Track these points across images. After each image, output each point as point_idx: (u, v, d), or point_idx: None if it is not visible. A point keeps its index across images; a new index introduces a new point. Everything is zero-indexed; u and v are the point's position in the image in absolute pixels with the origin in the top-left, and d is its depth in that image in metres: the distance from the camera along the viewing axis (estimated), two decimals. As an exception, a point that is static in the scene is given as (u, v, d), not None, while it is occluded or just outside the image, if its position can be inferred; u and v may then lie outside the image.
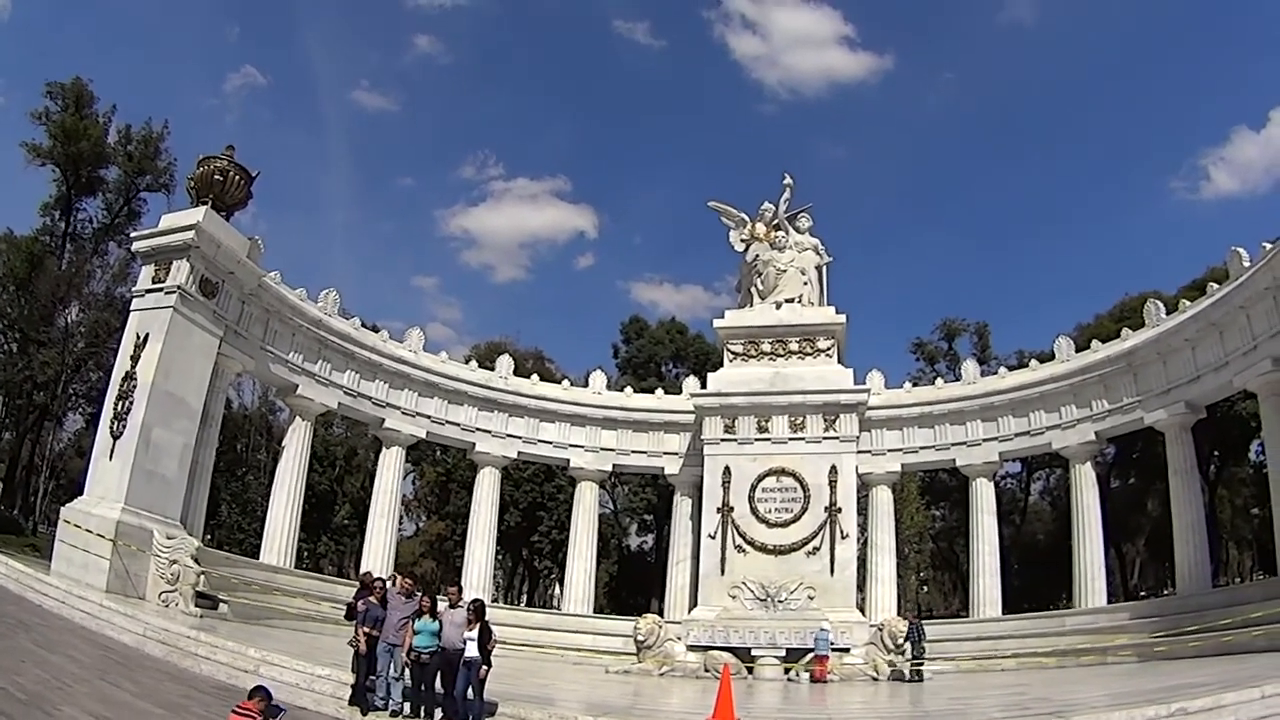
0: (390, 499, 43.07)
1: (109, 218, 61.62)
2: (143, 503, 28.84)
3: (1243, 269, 32.44)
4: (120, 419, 29.53)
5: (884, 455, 43.66)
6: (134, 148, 61.12)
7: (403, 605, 17.36)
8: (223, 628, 24.79)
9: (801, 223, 45.82)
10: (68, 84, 59.07)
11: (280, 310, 37.39)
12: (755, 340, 43.70)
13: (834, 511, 39.31)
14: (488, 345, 73.81)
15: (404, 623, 16.99)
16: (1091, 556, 38.60)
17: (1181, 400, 35.86)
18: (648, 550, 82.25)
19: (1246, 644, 26.56)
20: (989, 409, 42.15)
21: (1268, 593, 29.99)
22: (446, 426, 44.63)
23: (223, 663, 19.83)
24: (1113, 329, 44.06)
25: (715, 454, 41.74)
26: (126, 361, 30.46)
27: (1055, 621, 37.88)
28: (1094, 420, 39.17)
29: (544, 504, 69.16)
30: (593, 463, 46.52)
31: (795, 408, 41.13)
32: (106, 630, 21.97)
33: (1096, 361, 39.14)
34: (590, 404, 47.08)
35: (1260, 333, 31.74)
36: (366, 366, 41.62)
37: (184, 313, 31.14)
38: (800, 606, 37.50)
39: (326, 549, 75.84)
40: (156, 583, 27.49)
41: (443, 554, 78.09)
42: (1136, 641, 32.14)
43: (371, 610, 16.99)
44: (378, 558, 40.07)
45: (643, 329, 79.94)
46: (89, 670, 16.94)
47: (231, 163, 33.46)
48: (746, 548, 39.64)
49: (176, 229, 31.56)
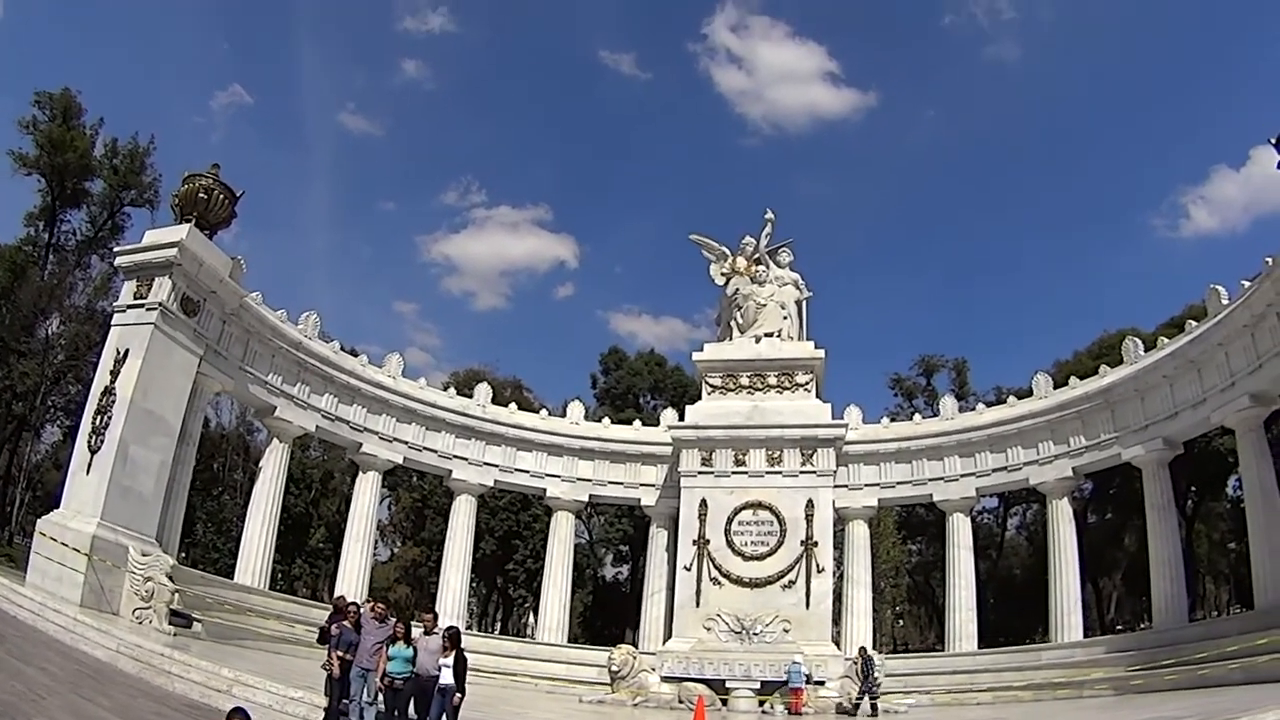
0: (366, 523, 42.99)
1: (93, 230, 61.22)
2: (119, 518, 28.60)
3: (1221, 306, 32.87)
4: (98, 433, 29.31)
5: (861, 490, 43.78)
6: (120, 161, 60.76)
7: (376, 630, 17.25)
8: (196, 646, 24.60)
9: (782, 257, 45.96)
10: (56, 94, 58.74)
11: (260, 331, 37.30)
12: (734, 374, 43.74)
13: (810, 545, 39.29)
14: (466, 373, 73.84)
15: (378, 648, 16.89)
16: (1068, 591, 38.78)
17: (1159, 436, 36.16)
18: (623, 581, 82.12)
19: (1223, 677, 26.64)
20: (966, 445, 42.35)
21: (1244, 626, 30.17)
22: (423, 453, 44.56)
23: (196, 681, 19.67)
24: (1091, 366, 44.40)
25: (692, 486, 41.69)
26: (106, 376, 30.23)
27: (1031, 655, 38.07)
28: (1071, 456, 39.42)
29: (520, 533, 69.03)
30: (569, 493, 46.46)
31: (773, 441, 41.16)
32: (80, 645, 21.81)
33: (1074, 398, 39.46)
34: (568, 434, 47.06)
35: (1238, 369, 32.17)
36: (345, 390, 41.52)
37: (165, 330, 30.98)
38: (775, 639, 37.40)
39: (301, 571, 75.21)
40: (131, 599, 27.25)
41: (417, 580, 77.82)
42: (1112, 675, 32.27)
43: (345, 635, 16.87)
44: (352, 582, 39.84)
45: (621, 360, 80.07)
46: (62, 683, 16.79)
47: (216, 181, 33.33)
48: (722, 580, 39.54)
49: (160, 245, 31.43)
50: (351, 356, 43.38)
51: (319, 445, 68.69)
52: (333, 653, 16.74)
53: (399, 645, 16.82)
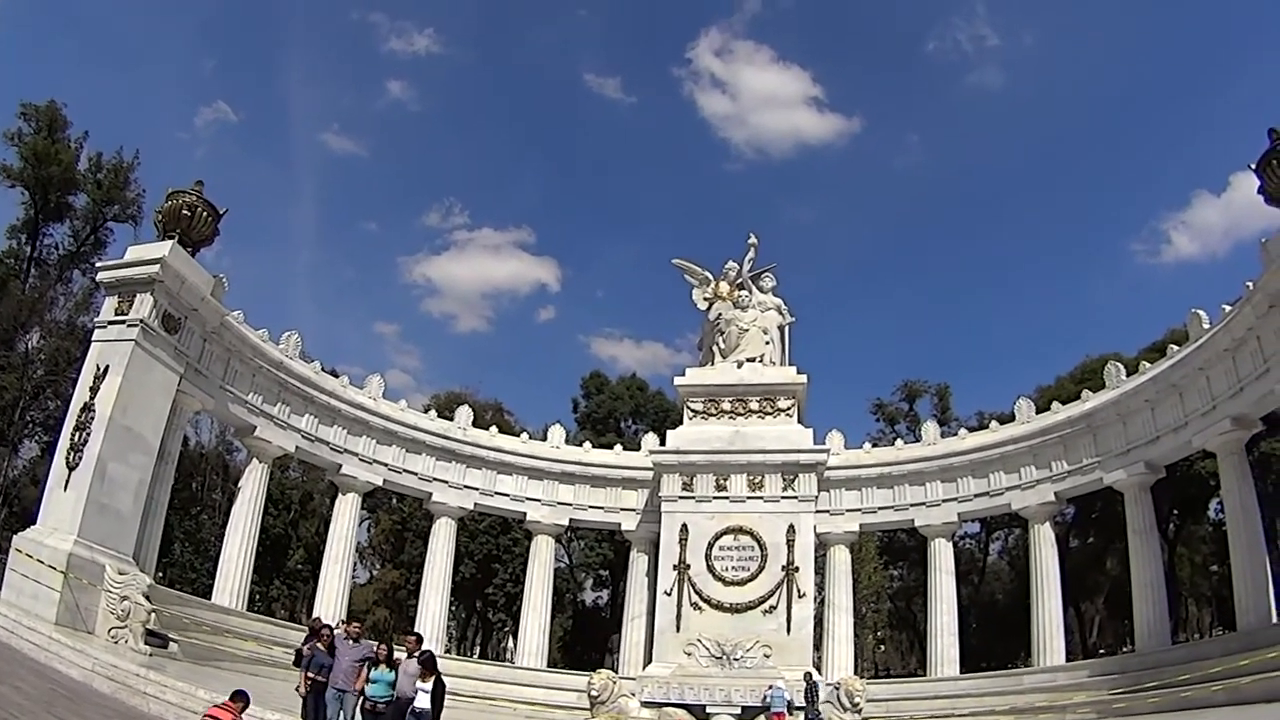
0: (345, 545, 42.72)
1: (75, 245, 60.88)
2: (96, 536, 28.29)
3: (1202, 331, 33.13)
4: (76, 450, 29.04)
5: (843, 515, 43.80)
6: (104, 176, 60.49)
7: (351, 650, 17.12)
8: (172, 667, 24.40)
9: (765, 282, 45.94)
10: (42, 106, 58.56)
11: (241, 350, 37.08)
12: (716, 399, 43.58)
13: (791, 570, 39.06)
14: (447, 395, 73.83)
15: (354, 668, 16.74)
16: (1050, 615, 38.83)
17: (1141, 460, 36.33)
18: (603, 606, 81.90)
19: (1206, 699, 26.67)
20: (948, 470, 42.44)
21: (1227, 648, 30.26)
22: (403, 475, 44.37)
23: (171, 703, 19.55)
24: (1073, 390, 44.61)
25: (673, 511, 41.44)
26: (85, 392, 30.00)
27: (1013, 680, 38.12)
28: (1053, 481, 39.56)
29: (499, 556, 68.72)
30: (549, 516, 46.33)
31: (754, 467, 40.95)
32: (54, 663, 21.58)
33: (1056, 423, 39.62)
34: (548, 458, 46.95)
35: (1220, 393, 32.37)
36: (325, 411, 41.34)
37: (145, 347, 30.76)
38: (756, 665, 37.14)
39: (279, 592, 74.80)
40: (107, 618, 26.96)
41: (396, 603, 77.40)
42: (1096, 698, 32.31)
43: (317, 657, 16.72)
44: (330, 604, 39.60)
45: (603, 384, 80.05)
46: (36, 702, 16.59)
47: (200, 198, 33.21)
48: (703, 605, 39.27)
49: (142, 262, 31.23)
50: (332, 377, 43.21)
51: (299, 466, 68.28)
52: (303, 673, 16.60)
53: (381, 669, 16.66)
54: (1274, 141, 28.47)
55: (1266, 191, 29.37)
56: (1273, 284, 28.29)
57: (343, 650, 17.10)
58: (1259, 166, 29.18)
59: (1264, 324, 29.56)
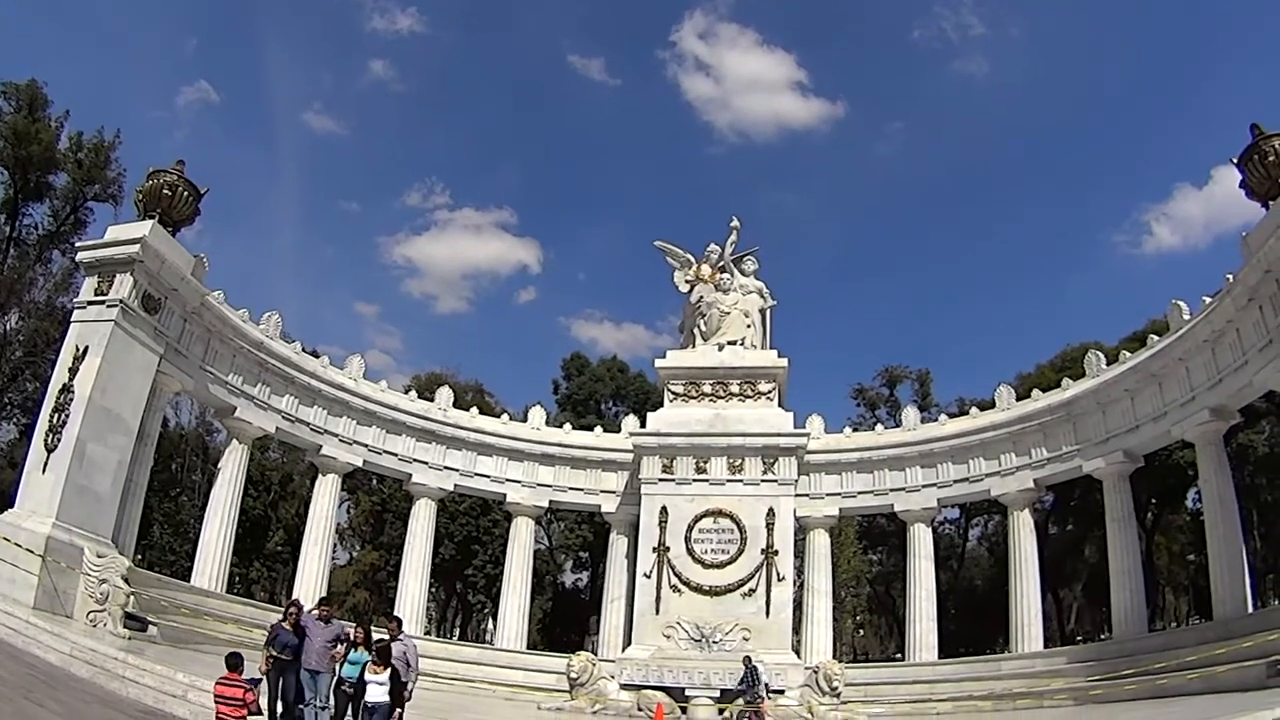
0: (325, 526, 42.54)
1: (55, 225, 60.33)
2: (74, 519, 28.18)
3: (1183, 321, 33.26)
4: (55, 432, 28.89)
5: (822, 499, 43.82)
6: (85, 155, 59.84)
7: (323, 631, 17.05)
8: (151, 650, 24.32)
9: (747, 266, 45.99)
10: (22, 85, 57.97)
11: (222, 331, 36.90)
12: (696, 381, 43.63)
13: (771, 554, 39.20)
14: (428, 376, 73.58)
15: (327, 649, 16.66)
16: (1028, 602, 38.95)
17: (1120, 449, 36.45)
18: (583, 588, 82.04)
19: (1182, 687, 26.80)
20: (929, 455, 42.48)
21: (1203, 637, 30.54)
22: (384, 456, 44.22)
23: (150, 686, 19.44)
24: (1053, 379, 44.78)
25: (653, 493, 41.51)
26: (64, 374, 29.82)
27: (991, 665, 38.42)
28: (1033, 468, 39.66)
29: (479, 538, 68.72)
30: (529, 498, 46.26)
31: (734, 450, 41.03)
32: (32, 648, 21.46)
33: (1036, 410, 39.71)
34: (529, 439, 46.84)
35: (1199, 384, 32.53)
36: (305, 392, 41.17)
37: (125, 328, 30.58)
38: (735, 648, 37.18)
39: (259, 574, 74.74)
40: (85, 602, 26.85)
41: (376, 584, 77.29)
42: (1073, 685, 32.54)
43: (281, 636, 16.57)
44: (310, 585, 39.31)
45: (584, 366, 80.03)
46: (13, 688, 16.47)
47: (181, 178, 33.00)
48: (682, 588, 39.40)
49: (122, 241, 31.03)
50: (313, 358, 42.98)
51: (279, 447, 68.23)
52: (265, 652, 16.51)
53: (359, 651, 16.59)
54: (1256, 136, 28.65)
55: (1248, 186, 29.55)
56: (1252, 277, 28.41)
57: (314, 631, 17.01)
58: (1241, 161, 29.34)
59: (1243, 316, 29.69)
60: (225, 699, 13.83)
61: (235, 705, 13.82)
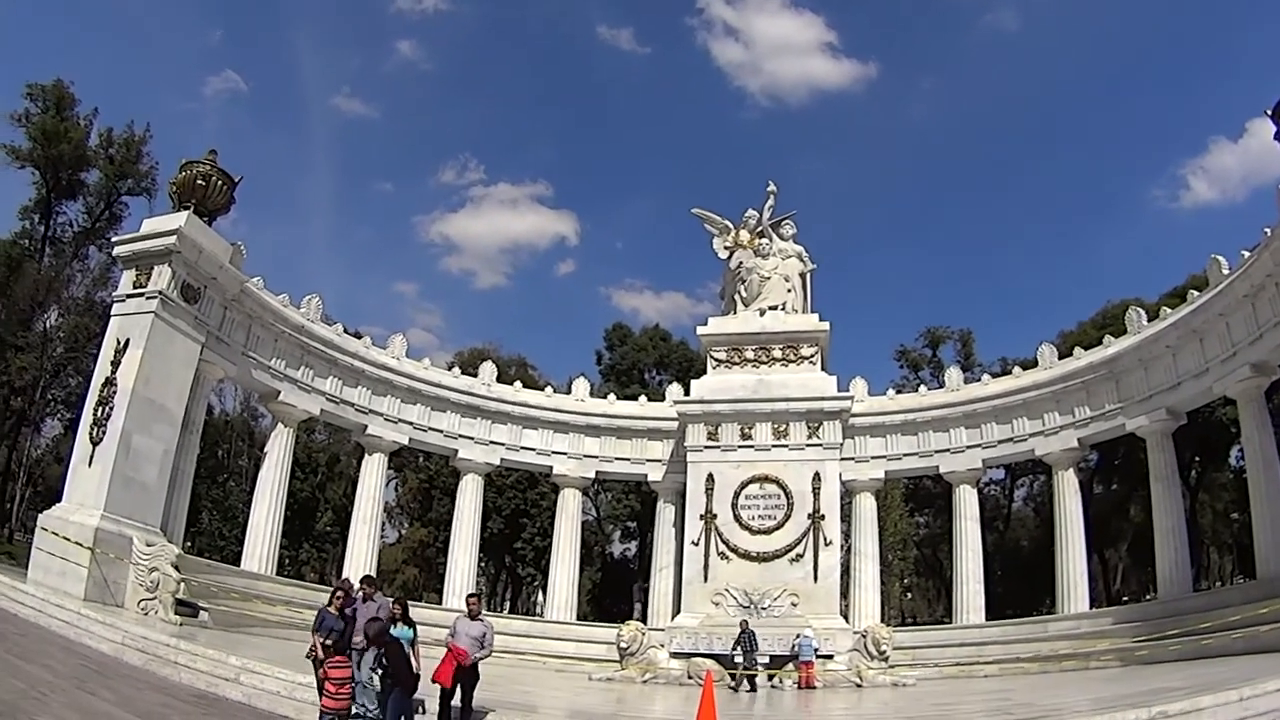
0: (372, 505, 42.96)
1: (90, 221, 61.08)
2: (122, 510, 28.62)
3: (1222, 276, 32.86)
4: (100, 425, 29.28)
5: (868, 462, 43.77)
6: (115, 151, 60.63)
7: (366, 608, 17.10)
8: (202, 636, 24.54)
9: (785, 230, 45.74)
10: (49, 86, 58.51)
11: (262, 316, 37.24)
12: (739, 347, 43.56)
13: (817, 518, 39.18)
14: (471, 352, 73.89)
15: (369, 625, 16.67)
16: (1074, 562, 38.82)
17: (1163, 407, 36.18)
18: (631, 557, 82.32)
19: (1226, 647, 26.67)
20: (972, 416, 42.32)
21: (1247, 596, 30.22)
22: (429, 433, 44.49)
23: (202, 671, 19.59)
24: (1095, 336, 44.38)
25: (698, 461, 41.55)
26: (107, 367, 30.21)
27: (1038, 627, 38.05)
28: (1076, 427, 39.42)
29: (527, 511, 69.11)
30: (576, 470, 46.40)
31: (779, 415, 40.96)
32: (84, 639, 21.74)
33: (1079, 369, 39.42)
34: (573, 411, 46.99)
35: (1239, 339, 32.17)
36: (349, 373, 41.48)
37: (165, 318, 30.94)
38: (784, 613, 37.32)
39: (308, 556, 75.44)
40: (136, 590, 27.29)
41: (425, 561, 77.99)
42: (1119, 646, 32.39)
43: (326, 620, 16.55)
44: (359, 564, 39.81)
45: (626, 336, 79.99)
46: (66, 680, 16.73)
47: (214, 167, 33.20)
48: (730, 554, 39.47)
49: (158, 234, 31.32)
50: (355, 339, 43.32)
51: (324, 429, 68.81)
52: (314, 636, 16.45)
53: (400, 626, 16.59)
54: (1288, 88, 28.13)
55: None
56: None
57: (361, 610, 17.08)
58: (1275, 113, 28.83)
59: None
60: (336, 680, 14.21)
61: (341, 685, 14.24)
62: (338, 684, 14.19)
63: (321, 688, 15.53)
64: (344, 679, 14.31)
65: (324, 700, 14.19)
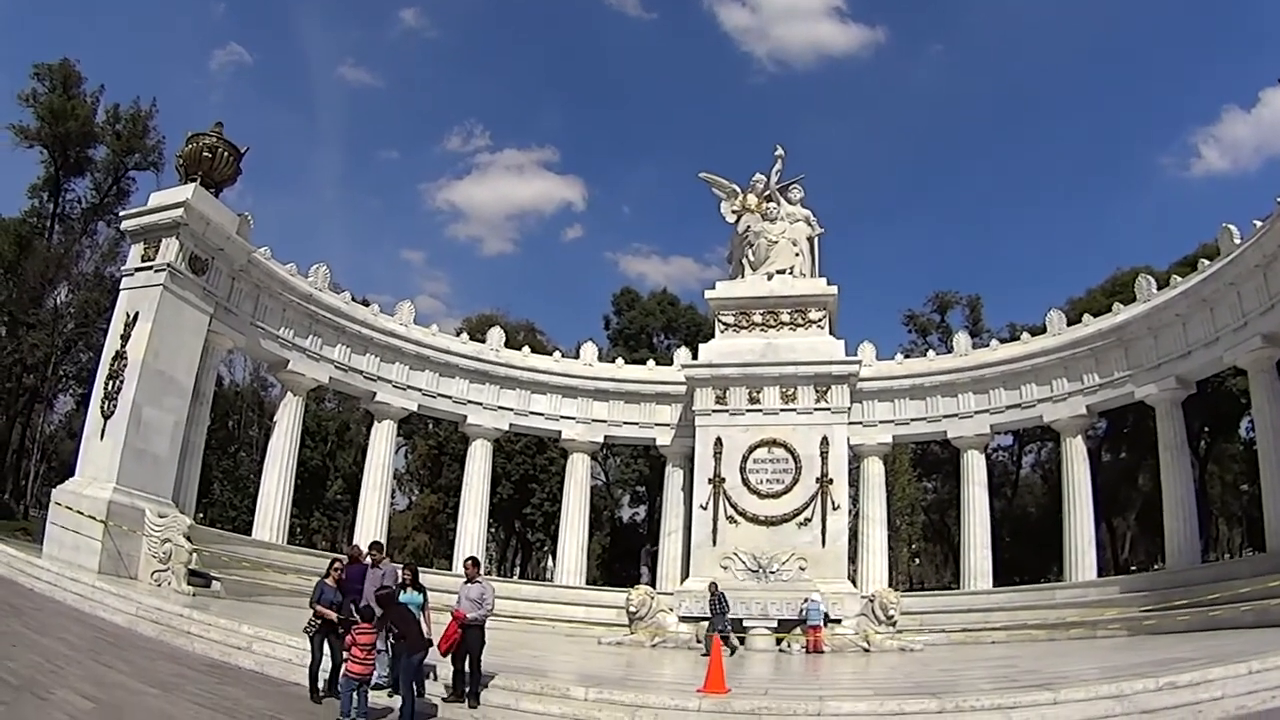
0: (382, 473, 43.20)
1: (98, 197, 61.44)
2: (134, 482, 28.81)
3: (1233, 246, 32.77)
4: (111, 399, 29.45)
5: (875, 427, 43.84)
6: (122, 126, 60.97)
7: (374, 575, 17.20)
8: (215, 605, 24.79)
9: (793, 194, 45.51)
10: (55, 65, 58.81)
11: (270, 286, 37.31)
12: (746, 311, 43.44)
13: (825, 483, 39.28)
14: (479, 318, 73.89)
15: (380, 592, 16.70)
16: (1082, 530, 38.95)
17: (1172, 375, 36.17)
18: (640, 522, 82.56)
19: (1235, 619, 26.78)
20: (980, 381, 42.34)
21: (1256, 569, 30.45)
22: (438, 399, 44.64)
23: (215, 640, 19.81)
24: (1104, 303, 44.26)
25: (707, 425, 41.61)
26: (116, 341, 30.38)
27: (1045, 594, 38.33)
28: (1085, 394, 39.48)
29: (536, 476, 69.42)
30: (584, 434, 46.55)
31: (787, 379, 40.97)
32: (99, 611, 21.93)
33: (1088, 335, 39.40)
34: (582, 375, 47.04)
35: (1250, 310, 32.10)
36: (357, 340, 41.59)
37: (174, 290, 31.03)
38: (792, 577, 37.50)
39: (319, 524, 75.88)
40: (149, 562, 27.52)
41: (435, 527, 78.29)
42: (1126, 615, 32.55)
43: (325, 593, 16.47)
44: (370, 532, 39.83)
45: (634, 300, 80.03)
46: (81, 652, 16.91)
47: (220, 139, 33.21)
48: (738, 519, 39.60)
49: (165, 207, 31.37)
50: (363, 306, 43.41)
51: (333, 397, 69.11)
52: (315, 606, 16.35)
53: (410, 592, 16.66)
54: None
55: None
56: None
57: (370, 577, 17.16)
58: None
59: (1294, 241, 29.16)
60: (364, 646, 14.32)
61: (369, 650, 14.40)
62: (365, 649, 14.32)
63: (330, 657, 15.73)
64: (371, 644, 14.45)
65: (349, 665, 14.25)
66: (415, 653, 15.18)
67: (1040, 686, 15.75)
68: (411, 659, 15.10)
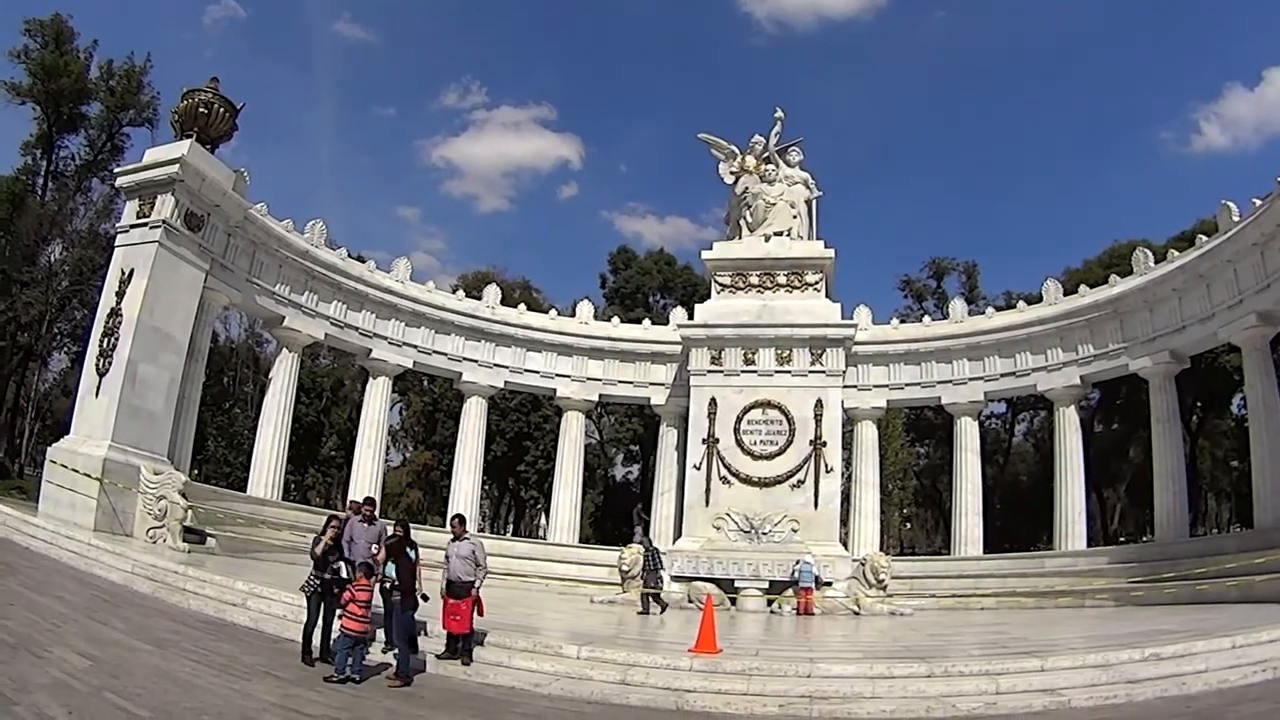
0: (377, 429, 43.36)
1: (92, 154, 61.08)
2: (129, 439, 28.90)
3: (1232, 223, 32.83)
4: (106, 356, 29.50)
5: (870, 391, 43.91)
6: (116, 83, 60.49)
7: (366, 531, 17.26)
8: (210, 562, 24.97)
9: (792, 156, 45.36)
10: (47, 21, 58.21)
11: (267, 242, 37.23)
12: (743, 272, 43.41)
13: (819, 445, 39.41)
14: (475, 275, 73.58)
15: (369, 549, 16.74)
16: (1073, 500, 39.22)
17: (1166, 349, 36.30)
18: (633, 481, 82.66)
19: (1221, 594, 27.13)
20: (975, 348, 42.43)
21: (1243, 544, 30.66)
22: (433, 356, 44.67)
23: (210, 597, 19.91)
24: (1101, 275, 44.28)
25: (701, 385, 41.67)
26: (112, 298, 30.38)
27: (1035, 563, 38.61)
28: (1079, 364, 39.62)
29: (530, 434, 69.41)
30: (579, 393, 46.59)
31: (782, 340, 41.03)
32: (95, 569, 22.00)
33: (1084, 306, 39.46)
34: (577, 334, 47.07)
35: (1246, 287, 32.22)
36: (353, 297, 41.55)
37: (169, 247, 30.98)
38: (784, 539, 37.74)
39: (314, 480, 75.94)
40: (144, 519, 27.64)
41: (429, 484, 78.49)
42: (1114, 585, 32.81)
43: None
44: (364, 488, 39.80)
45: (631, 259, 79.68)
46: (78, 610, 16.98)
47: (216, 95, 33.08)
48: (731, 479, 39.76)
49: (161, 163, 31.31)
50: (358, 263, 43.40)
51: (329, 353, 68.96)
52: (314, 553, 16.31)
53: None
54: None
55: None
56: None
57: (358, 533, 17.21)
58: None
59: (1293, 220, 29.16)
60: (361, 603, 14.56)
61: (366, 607, 14.63)
62: (363, 606, 14.45)
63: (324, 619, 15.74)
64: (368, 601, 14.54)
65: (345, 621, 14.41)
66: (408, 609, 15.39)
67: (1029, 654, 15.91)
68: (404, 614, 15.31)
